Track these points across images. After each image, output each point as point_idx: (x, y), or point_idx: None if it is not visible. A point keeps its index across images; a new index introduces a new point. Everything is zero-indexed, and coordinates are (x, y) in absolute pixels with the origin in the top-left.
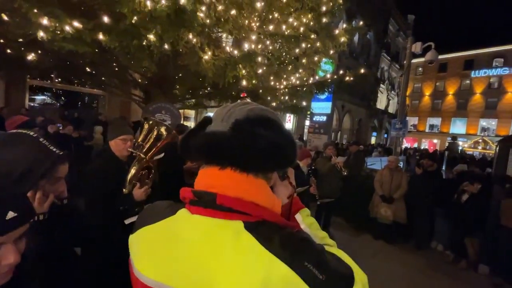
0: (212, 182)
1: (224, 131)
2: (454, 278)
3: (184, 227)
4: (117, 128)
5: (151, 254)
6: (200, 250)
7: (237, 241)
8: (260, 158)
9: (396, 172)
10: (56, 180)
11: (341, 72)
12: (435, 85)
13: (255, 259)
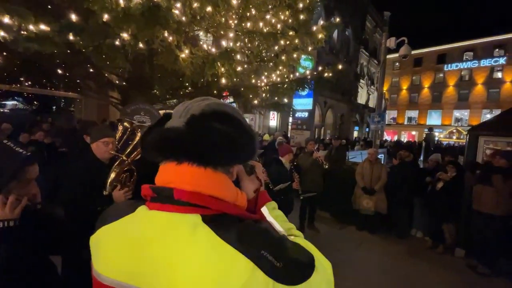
0: (169, 178)
1: (179, 127)
2: (433, 262)
3: (142, 223)
4: (99, 131)
5: (110, 253)
6: (157, 245)
7: (193, 234)
8: (215, 151)
9: (376, 164)
10: (26, 182)
11: (320, 69)
12: (412, 79)
13: (212, 251)
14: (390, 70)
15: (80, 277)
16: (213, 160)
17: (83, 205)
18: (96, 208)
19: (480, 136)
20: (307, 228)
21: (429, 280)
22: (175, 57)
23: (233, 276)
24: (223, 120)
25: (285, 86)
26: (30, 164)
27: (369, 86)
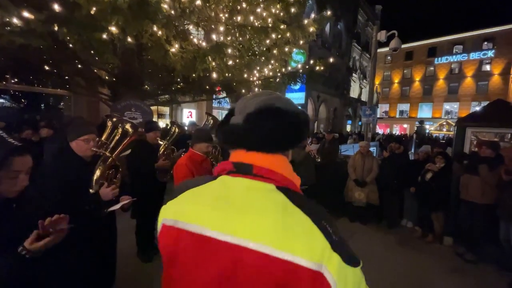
0: (243, 159)
1: (239, 123)
2: (422, 251)
3: (227, 186)
4: (77, 128)
5: (197, 206)
6: (242, 200)
7: (271, 195)
8: (269, 143)
9: (368, 156)
10: (14, 173)
11: (311, 62)
12: (403, 73)
13: (284, 208)
14: (382, 64)
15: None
16: (273, 148)
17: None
18: (83, 207)
19: (468, 127)
20: None
21: (419, 267)
22: (165, 52)
23: (309, 238)
24: (274, 115)
25: (277, 80)
26: (17, 155)
27: (361, 80)
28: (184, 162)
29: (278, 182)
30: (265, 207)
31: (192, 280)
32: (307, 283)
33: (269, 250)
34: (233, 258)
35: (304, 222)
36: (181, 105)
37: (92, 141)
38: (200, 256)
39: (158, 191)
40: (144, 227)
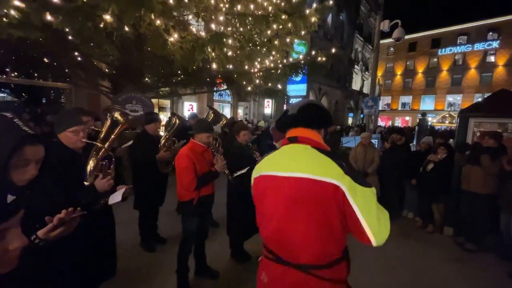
0: (295, 134)
1: (294, 113)
2: (423, 241)
3: (290, 148)
4: (65, 120)
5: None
6: (298, 155)
7: (307, 150)
8: (312, 122)
9: (369, 148)
10: (24, 162)
11: (313, 53)
12: (406, 64)
13: (319, 156)
14: (384, 56)
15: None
16: (311, 126)
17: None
18: (80, 200)
19: (470, 118)
20: None
21: (419, 257)
22: (163, 41)
23: (330, 168)
24: (312, 108)
25: (278, 72)
26: (29, 144)
27: (363, 72)
28: (185, 153)
29: (312, 143)
30: (305, 156)
31: (273, 203)
32: (331, 192)
33: (311, 176)
34: (293, 184)
35: (327, 161)
36: (182, 98)
37: (81, 132)
38: (276, 188)
39: (160, 183)
40: (146, 217)
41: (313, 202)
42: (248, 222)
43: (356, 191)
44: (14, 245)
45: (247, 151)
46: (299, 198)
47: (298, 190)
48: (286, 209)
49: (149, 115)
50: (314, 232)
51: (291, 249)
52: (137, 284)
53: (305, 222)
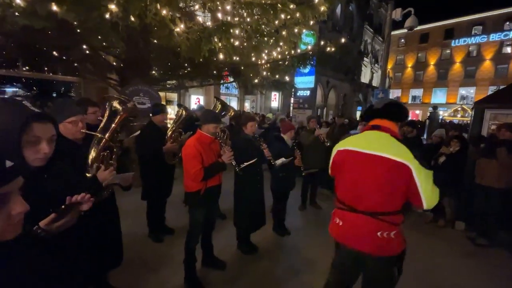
0: (379, 123)
1: (379, 107)
2: (433, 235)
3: (371, 134)
4: (62, 110)
5: (357, 141)
6: (376, 137)
7: (387, 137)
8: (394, 116)
9: None
10: (35, 138)
11: (322, 43)
12: (417, 56)
13: (396, 142)
14: (395, 47)
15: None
16: (392, 119)
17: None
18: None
19: (486, 109)
20: (308, 205)
21: (429, 251)
22: (169, 31)
23: (404, 152)
24: (397, 105)
25: (286, 63)
26: (38, 121)
27: (373, 65)
28: (193, 143)
29: (391, 133)
30: (386, 141)
31: (354, 171)
32: (402, 169)
33: (389, 156)
34: (374, 160)
35: (402, 147)
36: (189, 91)
37: (81, 123)
38: (357, 161)
39: (167, 174)
40: (154, 208)
41: (387, 174)
42: (255, 214)
43: (420, 171)
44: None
45: (254, 143)
46: (377, 170)
47: (377, 164)
48: (365, 177)
49: (156, 106)
50: (383, 193)
51: (364, 202)
52: (145, 274)
53: (378, 186)
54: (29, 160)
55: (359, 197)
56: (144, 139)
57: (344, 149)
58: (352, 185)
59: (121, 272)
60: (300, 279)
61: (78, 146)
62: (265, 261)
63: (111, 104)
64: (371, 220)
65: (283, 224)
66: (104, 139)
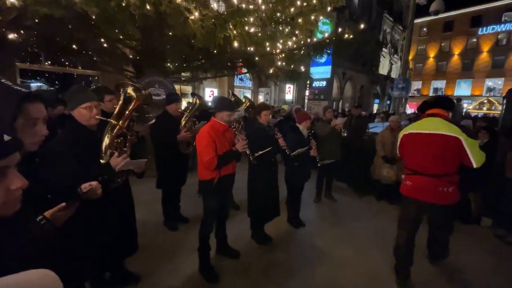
0: (434, 112)
1: (432, 101)
2: (458, 232)
3: (430, 119)
4: (77, 96)
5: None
6: (434, 121)
7: (441, 121)
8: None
9: (399, 132)
10: (33, 121)
11: (339, 30)
12: (440, 46)
13: (448, 123)
14: (416, 37)
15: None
16: (444, 108)
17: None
18: (96, 178)
19: None
20: (324, 197)
21: (453, 248)
22: (184, 19)
23: (455, 129)
24: (444, 97)
25: (301, 52)
26: (30, 101)
27: (392, 55)
28: (206, 131)
29: (443, 117)
30: (441, 123)
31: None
32: (454, 141)
33: (444, 132)
34: (434, 137)
35: (453, 126)
36: (203, 84)
37: (95, 109)
38: (422, 141)
39: (181, 163)
40: (169, 197)
41: (444, 146)
42: (269, 204)
43: (467, 140)
44: (16, 185)
45: (268, 132)
46: (436, 143)
47: (437, 140)
48: (429, 150)
49: (170, 95)
50: (443, 160)
51: (430, 168)
52: (161, 261)
53: (439, 155)
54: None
55: (425, 165)
56: (159, 128)
57: (409, 132)
58: (420, 157)
59: (137, 258)
60: (313, 270)
61: (92, 133)
62: (278, 251)
63: (125, 90)
64: (435, 180)
65: (297, 215)
66: (118, 125)
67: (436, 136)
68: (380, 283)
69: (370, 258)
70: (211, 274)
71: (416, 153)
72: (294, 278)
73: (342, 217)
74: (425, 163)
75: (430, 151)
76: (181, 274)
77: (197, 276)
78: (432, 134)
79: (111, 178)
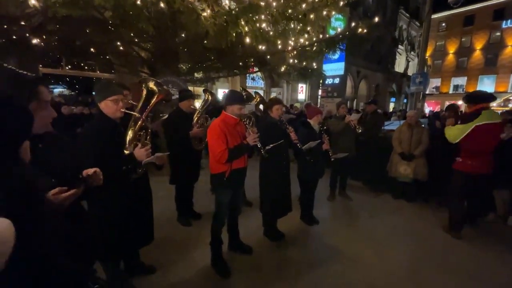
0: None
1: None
2: (480, 231)
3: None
4: (105, 89)
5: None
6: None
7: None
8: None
9: (416, 127)
10: (45, 104)
11: (353, 24)
12: (461, 41)
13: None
14: (434, 33)
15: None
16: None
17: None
18: (121, 168)
19: None
20: (338, 195)
21: (474, 248)
22: (196, 16)
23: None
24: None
25: (313, 49)
26: (42, 84)
27: (408, 52)
28: (217, 124)
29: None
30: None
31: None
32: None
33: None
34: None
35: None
36: (216, 85)
37: (121, 102)
38: (488, 129)
39: (194, 159)
40: (182, 193)
41: (499, 130)
42: (281, 200)
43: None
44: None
45: (280, 126)
46: (497, 130)
47: (496, 127)
48: (491, 134)
49: (183, 92)
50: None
51: (489, 148)
52: (174, 255)
53: (496, 137)
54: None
55: (487, 146)
56: (171, 124)
57: (484, 123)
58: (486, 141)
59: (151, 251)
60: (327, 268)
61: (117, 125)
62: (291, 248)
63: (147, 85)
64: (489, 156)
65: (311, 213)
66: (141, 118)
67: (496, 124)
68: (396, 283)
69: (387, 258)
70: (223, 268)
71: (484, 138)
72: (306, 276)
73: (358, 215)
74: (487, 145)
75: (493, 135)
76: (194, 268)
77: (209, 270)
78: (496, 123)
79: (134, 168)
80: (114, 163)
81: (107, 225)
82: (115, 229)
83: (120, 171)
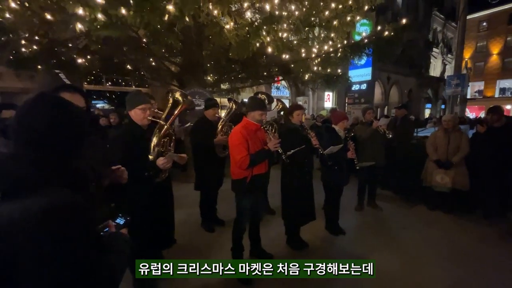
0: None
1: None
2: None
3: None
4: (135, 98)
5: None
6: None
7: None
8: None
9: (454, 133)
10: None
11: (378, 28)
12: (506, 41)
13: None
14: (474, 33)
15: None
16: None
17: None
18: (143, 173)
19: None
20: (366, 206)
21: None
22: (220, 29)
23: None
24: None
25: (338, 55)
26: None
27: (445, 55)
28: (239, 130)
29: None
30: None
31: None
32: None
33: None
34: None
35: None
36: (241, 95)
37: (148, 111)
38: None
39: (218, 166)
40: (206, 199)
41: None
42: (303, 207)
43: None
44: None
45: (301, 132)
46: None
47: None
48: None
49: (208, 101)
50: None
51: None
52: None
53: None
54: None
55: None
56: (197, 132)
57: None
58: None
59: (174, 256)
60: (354, 280)
61: (143, 131)
62: (314, 258)
63: (173, 95)
64: None
65: (336, 223)
66: (166, 126)
67: None
68: None
69: (420, 272)
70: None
71: None
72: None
73: (388, 226)
74: None
75: None
76: None
77: None
78: None
79: (157, 174)
80: (138, 166)
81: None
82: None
83: (143, 176)
